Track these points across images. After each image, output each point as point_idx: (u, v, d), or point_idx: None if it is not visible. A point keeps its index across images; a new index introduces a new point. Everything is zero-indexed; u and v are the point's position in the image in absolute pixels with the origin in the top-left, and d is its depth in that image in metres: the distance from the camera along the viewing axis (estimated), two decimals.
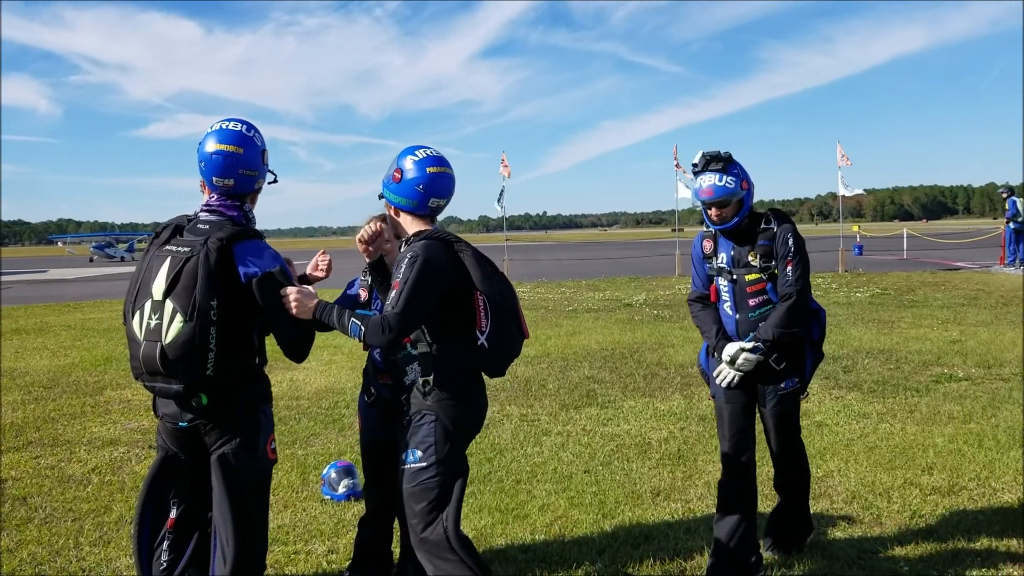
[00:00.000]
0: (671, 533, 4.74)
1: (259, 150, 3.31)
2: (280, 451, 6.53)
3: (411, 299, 3.06)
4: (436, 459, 3.17)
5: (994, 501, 5.08)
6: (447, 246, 3.23)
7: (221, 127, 3.27)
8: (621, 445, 6.55)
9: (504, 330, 3.21)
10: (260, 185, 3.38)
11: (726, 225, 4.11)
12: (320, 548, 4.67)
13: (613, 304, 17.09)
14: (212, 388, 3.11)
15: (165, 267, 3.10)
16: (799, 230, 4.16)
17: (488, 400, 3.46)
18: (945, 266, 25.57)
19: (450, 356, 3.22)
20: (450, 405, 3.20)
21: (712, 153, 4.04)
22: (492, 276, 3.24)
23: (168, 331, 3.02)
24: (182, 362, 3.01)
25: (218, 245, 3.08)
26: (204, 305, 3.01)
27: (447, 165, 3.38)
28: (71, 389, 9.42)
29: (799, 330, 4.08)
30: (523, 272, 28.18)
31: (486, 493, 5.45)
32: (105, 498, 5.53)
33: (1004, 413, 7.13)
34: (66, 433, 7.38)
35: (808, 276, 4.10)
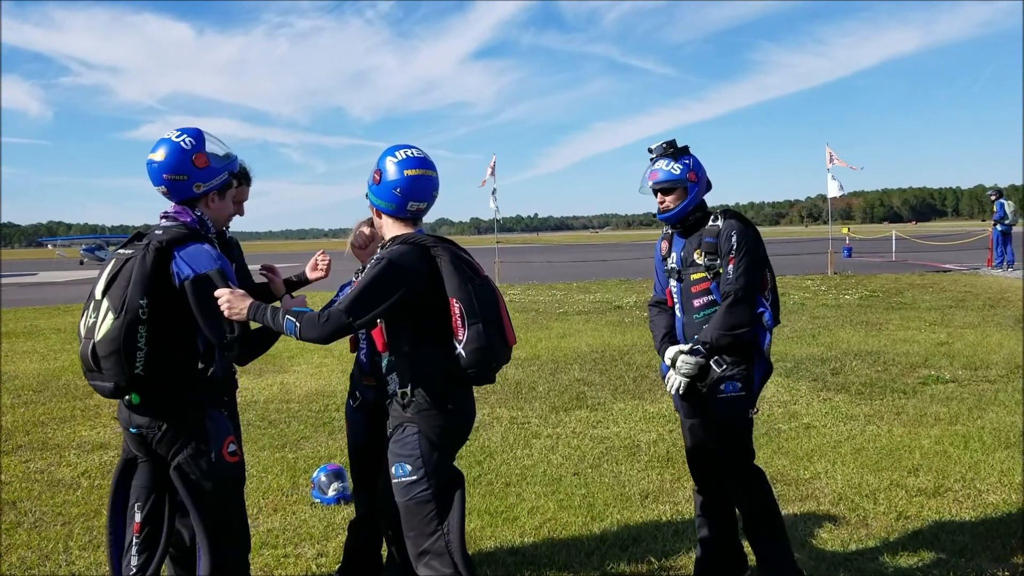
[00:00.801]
0: (659, 535, 4.77)
1: (188, 153, 3.24)
2: (270, 454, 6.57)
3: (360, 297, 2.99)
4: (426, 471, 3.13)
5: (979, 502, 5.13)
6: (422, 251, 3.14)
7: (159, 138, 3.30)
8: (610, 447, 6.58)
9: (484, 338, 3.08)
10: (201, 189, 3.30)
11: (667, 214, 4.02)
12: (310, 551, 4.68)
13: (603, 306, 17.14)
14: (143, 387, 3.10)
15: (109, 267, 3.18)
16: (756, 229, 3.99)
17: (476, 406, 3.42)
18: (933, 268, 25.70)
19: (427, 365, 3.15)
20: (431, 415, 3.14)
21: (669, 142, 4.02)
22: (469, 282, 3.12)
23: (100, 328, 3.06)
24: (109, 359, 3.03)
25: (156, 247, 3.10)
26: (133, 303, 3.02)
27: (429, 167, 3.28)
28: (61, 393, 9.40)
29: (743, 332, 3.83)
30: (514, 274, 28.22)
31: (475, 496, 5.47)
32: (95, 502, 5.53)
33: (990, 415, 7.18)
34: (56, 437, 7.38)
35: (755, 275, 3.85)
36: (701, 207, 4.04)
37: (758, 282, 3.88)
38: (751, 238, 3.89)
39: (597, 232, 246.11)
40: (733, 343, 3.85)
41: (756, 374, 3.92)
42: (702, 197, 4.04)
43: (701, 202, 4.04)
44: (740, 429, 3.93)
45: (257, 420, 7.75)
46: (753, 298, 3.86)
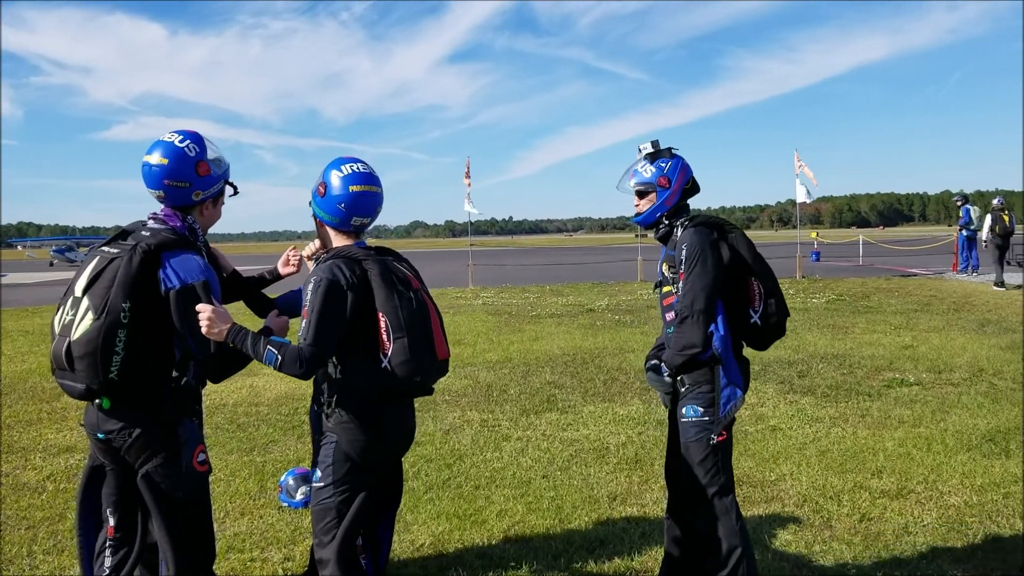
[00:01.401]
0: (626, 537, 4.80)
1: (192, 161, 3.23)
2: (238, 458, 6.53)
3: (319, 328, 3.00)
4: (332, 480, 3.17)
5: (940, 503, 5.22)
6: (353, 264, 3.13)
7: (158, 139, 3.28)
8: (580, 450, 6.61)
9: (409, 352, 3.05)
10: (200, 197, 3.30)
11: (637, 218, 3.97)
12: (277, 555, 4.66)
13: (576, 309, 17.20)
14: (116, 392, 3.07)
15: (91, 265, 3.13)
16: (713, 241, 3.72)
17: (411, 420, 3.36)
18: (900, 272, 26.04)
19: (352, 379, 3.15)
20: (349, 429, 3.15)
21: (654, 142, 3.91)
22: (396, 296, 3.09)
23: (78, 327, 3.02)
24: (84, 360, 2.99)
25: (145, 250, 3.07)
26: (115, 305, 2.99)
27: (374, 183, 3.29)
28: (27, 395, 9.29)
29: (695, 352, 3.62)
30: (488, 277, 28.25)
31: (444, 499, 5.48)
32: (60, 506, 5.48)
33: (952, 417, 7.30)
34: (21, 440, 7.29)
35: (704, 290, 3.61)
36: (676, 214, 3.89)
37: (708, 299, 3.62)
38: (702, 252, 3.65)
39: (571, 235, 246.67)
40: (690, 363, 3.69)
41: (722, 397, 3.69)
42: (674, 203, 3.88)
43: (676, 209, 3.89)
44: (701, 455, 3.70)
45: (225, 423, 7.70)
46: (702, 317, 3.62)
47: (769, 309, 3.77)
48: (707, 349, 3.64)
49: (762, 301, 3.77)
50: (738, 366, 3.74)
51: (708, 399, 3.69)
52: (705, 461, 3.71)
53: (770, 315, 3.78)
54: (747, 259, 3.76)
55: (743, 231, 3.88)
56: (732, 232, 3.83)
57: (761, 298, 3.77)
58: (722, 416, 3.69)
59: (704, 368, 3.70)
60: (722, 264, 3.69)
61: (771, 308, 3.77)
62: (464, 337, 13.17)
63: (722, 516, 3.71)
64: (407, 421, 3.35)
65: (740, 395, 3.72)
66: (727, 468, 3.75)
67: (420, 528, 5.01)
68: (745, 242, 3.80)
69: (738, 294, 3.77)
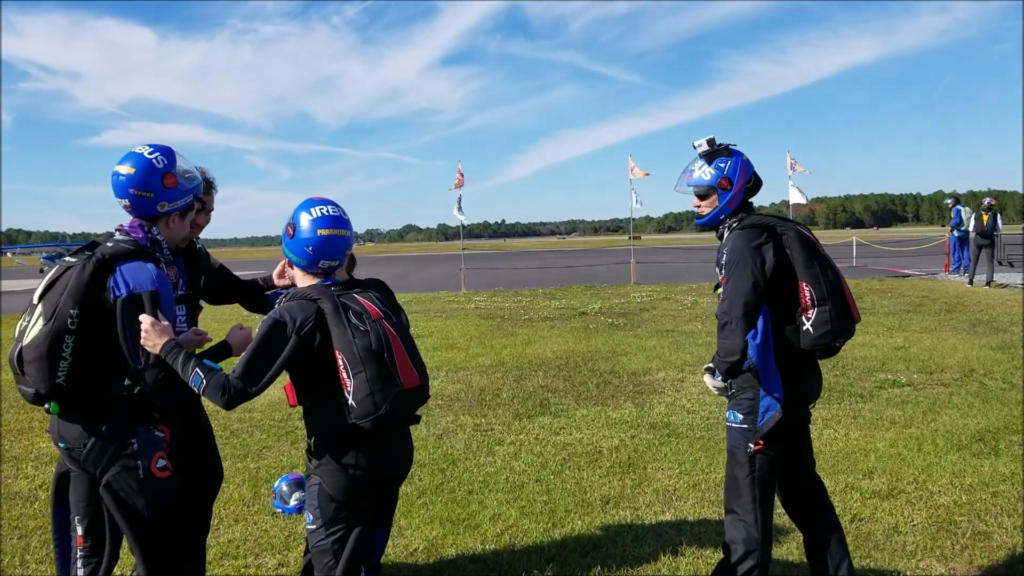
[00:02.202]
0: (619, 541, 4.82)
1: (158, 172, 3.25)
2: (232, 464, 6.53)
3: (251, 363, 2.98)
4: (323, 522, 3.16)
5: (930, 503, 5.25)
6: (307, 306, 3.08)
7: (130, 150, 3.31)
8: (573, 454, 6.63)
9: (367, 387, 2.98)
10: (165, 208, 3.32)
11: (699, 220, 3.87)
12: (271, 562, 4.67)
13: (569, 313, 17.22)
14: (64, 397, 3.10)
15: (51, 273, 3.19)
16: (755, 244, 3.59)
17: (402, 448, 3.31)
18: (893, 273, 26.12)
19: (326, 419, 3.14)
20: (328, 470, 3.14)
21: (709, 139, 3.80)
22: (351, 331, 3.02)
23: (29, 332, 3.07)
24: (33, 364, 3.03)
25: (98, 259, 3.11)
26: (64, 312, 3.03)
27: (343, 226, 3.25)
28: (18, 404, 9.25)
29: (735, 359, 3.56)
30: (480, 281, 28.25)
31: (438, 504, 5.50)
32: None
33: (943, 418, 7.34)
34: (13, 449, 7.28)
35: (743, 296, 3.52)
36: (737, 214, 3.79)
37: (747, 305, 3.52)
38: (742, 257, 3.56)
39: (564, 238, 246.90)
40: (734, 369, 3.61)
41: (760, 406, 3.58)
42: (738, 204, 3.78)
43: (738, 209, 3.79)
44: (738, 463, 3.65)
45: (219, 430, 7.68)
46: (741, 323, 3.53)
47: (822, 316, 3.57)
48: (746, 357, 3.55)
49: (814, 308, 3.57)
50: (780, 376, 3.58)
51: (749, 406, 3.61)
52: (743, 467, 3.64)
53: (824, 322, 3.57)
54: (799, 262, 3.60)
55: (801, 231, 3.70)
56: (786, 233, 3.65)
57: (814, 304, 3.57)
58: (760, 426, 3.58)
59: (747, 375, 3.61)
60: (764, 269, 3.56)
61: (825, 315, 3.57)
62: (457, 341, 13.18)
63: (747, 526, 3.63)
64: (395, 451, 3.29)
65: (778, 408, 3.55)
66: (765, 480, 3.65)
67: (413, 533, 5.02)
68: (799, 243, 3.62)
69: (789, 300, 3.61)
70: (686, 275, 28.70)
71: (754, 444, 3.60)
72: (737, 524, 3.66)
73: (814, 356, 3.75)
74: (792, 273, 3.60)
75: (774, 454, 3.66)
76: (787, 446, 3.75)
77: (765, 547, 3.67)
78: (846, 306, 3.64)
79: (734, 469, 3.68)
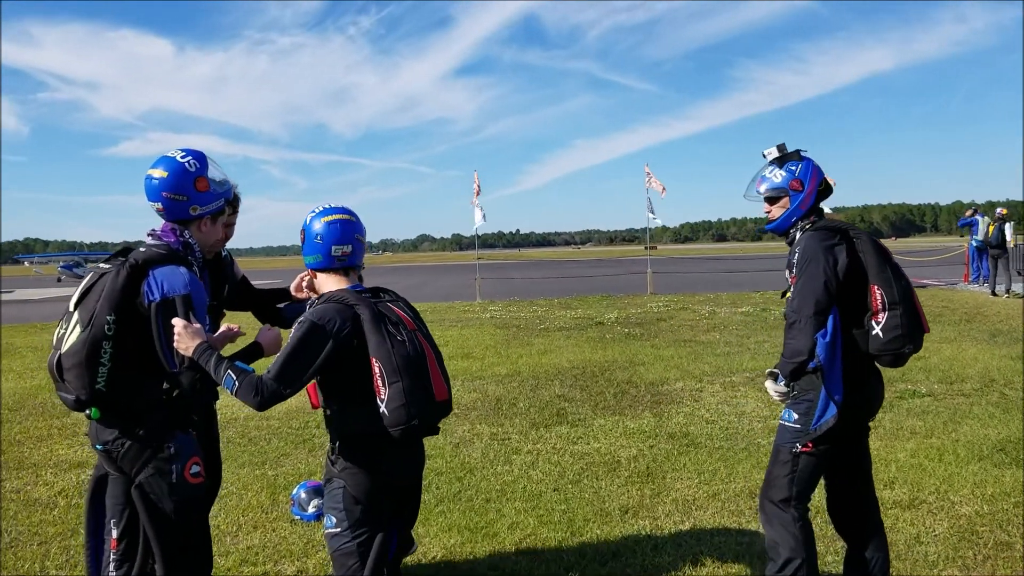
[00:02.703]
0: (639, 550, 4.80)
1: (191, 175, 3.30)
2: (250, 471, 6.55)
3: (287, 364, 3.00)
4: (348, 524, 3.17)
5: (952, 514, 5.20)
6: (344, 310, 3.10)
7: (163, 154, 3.35)
8: (591, 463, 6.61)
9: (403, 397, 3.00)
10: (197, 212, 3.35)
11: (769, 225, 3.86)
12: (290, 569, 4.67)
13: (585, 322, 17.19)
14: (104, 403, 3.14)
15: (85, 280, 3.23)
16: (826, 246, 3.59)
17: (420, 455, 3.35)
18: (912, 283, 25.89)
19: (353, 424, 3.15)
20: (354, 473, 3.15)
21: (779, 145, 3.82)
22: (389, 340, 3.05)
23: (67, 339, 3.10)
24: (72, 371, 3.07)
25: (132, 264, 3.14)
26: (100, 318, 3.06)
27: (346, 213, 3.31)
28: (37, 412, 9.33)
29: (802, 360, 3.52)
30: (495, 291, 28.26)
31: (455, 512, 5.49)
32: (72, 521, 5.50)
33: (964, 428, 7.28)
34: (32, 456, 7.32)
35: (813, 295, 3.49)
36: (808, 217, 3.79)
37: (817, 304, 3.49)
38: (814, 256, 3.55)
39: (579, 248, 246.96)
40: (799, 371, 3.57)
41: (818, 409, 3.54)
42: (809, 207, 3.78)
43: (809, 212, 3.79)
44: (780, 461, 3.66)
45: (237, 437, 7.72)
46: (809, 323, 3.49)
47: (893, 321, 3.54)
48: (813, 357, 3.51)
49: (885, 311, 3.55)
50: (848, 381, 3.54)
51: (805, 407, 3.58)
52: (783, 466, 3.64)
53: (894, 326, 3.54)
54: (872, 265, 3.58)
55: (873, 237, 3.72)
56: (859, 237, 3.66)
57: (884, 308, 3.55)
58: (813, 428, 3.54)
59: (812, 376, 3.57)
60: (836, 269, 3.54)
61: (896, 319, 3.54)
62: (472, 350, 13.18)
63: (785, 525, 3.63)
64: (416, 458, 3.33)
65: (835, 411, 3.49)
66: (805, 481, 3.64)
67: (431, 541, 5.01)
68: (873, 248, 3.61)
69: (859, 303, 3.59)
70: (703, 285, 28.62)
71: (802, 445, 3.58)
72: (774, 522, 3.67)
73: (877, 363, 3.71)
74: (863, 276, 3.57)
75: (820, 458, 3.63)
76: (846, 456, 3.73)
77: (809, 548, 3.63)
78: (916, 313, 3.61)
79: (775, 467, 3.69)
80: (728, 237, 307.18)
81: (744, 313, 17.79)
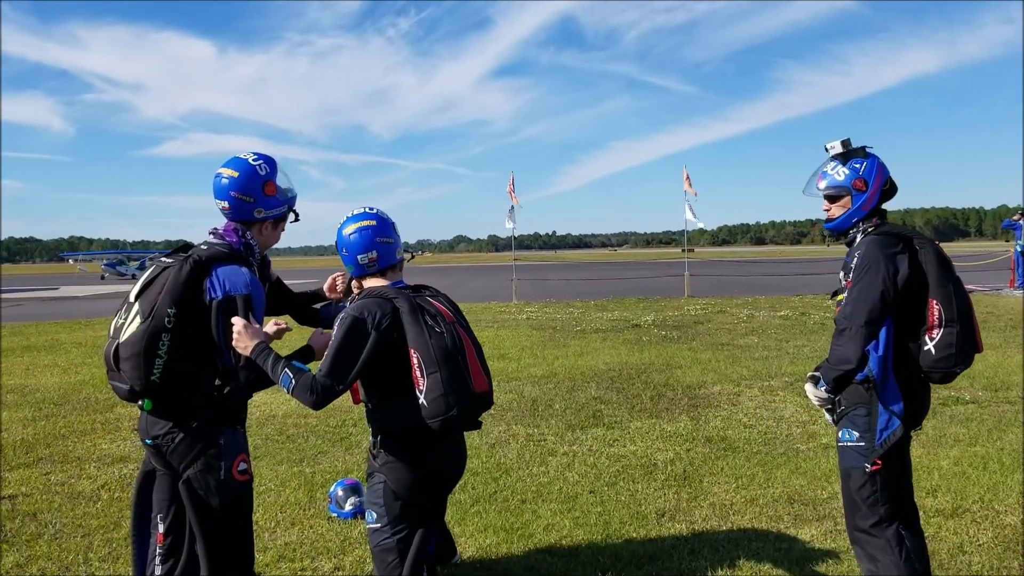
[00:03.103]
0: (675, 554, 4.76)
1: (260, 179, 3.37)
2: (288, 468, 6.61)
3: (335, 361, 3.04)
4: (388, 520, 3.19)
5: (996, 523, 5.10)
6: (383, 304, 3.15)
7: (233, 156, 3.42)
8: (627, 466, 6.57)
9: (442, 387, 3.02)
10: (262, 215, 3.42)
11: (829, 224, 3.70)
12: (326, 565, 4.71)
13: (621, 324, 17.12)
14: (158, 395, 3.18)
15: (147, 273, 3.28)
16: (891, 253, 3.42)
17: (462, 452, 3.38)
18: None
19: (393, 418, 3.18)
20: (395, 467, 3.18)
21: (844, 141, 3.65)
22: (427, 331, 3.08)
23: (126, 330, 3.15)
24: (130, 361, 3.11)
25: (196, 260, 3.20)
26: (161, 310, 3.11)
27: (366, 218, 3.35)
28: (81, 406, 9.50)
29: (850, 368, 3.38)
30: (532, 292, 28.26)
31: (491, 512, 5.49)
32: (115, 514, 5.59)
33: (1009, 436, 7.13)
34: (76, 450, 7.45)
35: (868, 303, 3.34)
36: (871, 218, 3.64)
37: (871, 313, 3.35)
38: (875, 262, 3.39)
39: (616, 250, 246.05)
40: (845, 380, 3.45)
41: (879, 423, 3.43)
42: (872, 207, 3.63)
43: (871, 213, 3.64)
44: (859, 482, 3.49)
45: (275, 435, 7.80)
46: (862, 332, 3.35)
47: (948, 339, 3.40)
48: (861, 368, 3.39)
49: (941, 328, 3.40)
50: (901, 392, 3.43)
51: (864, 423, 3.46)
52: (862, 489, 3.49)
53: (948, 344, 3.40)
54: (934, 278, 3.43)
55: (937, 247, 3.54)
56: (923, 247, 3.50)
57: (941, 324, 3.40)
58: (877, 445, 3.43)
59: (860, 388, 3.46)
60: (896, 279, 3.38)
61: (951, 337, 3.40)
62: (508, 351, 13.18)
63: (884, 551, 3.46)
64: (458, 455, 3.36)
65: (898, 424, 3.41)
66: (888, 498, 3.50)
67: (467, 540, 5.02)
68: (936, 260, 3.46)
69: (915, 316, 3.45)
70: (741, 288, 28.38)
71: (871, 464, 3.44)
72: (872, 553, 3.49)
73: (915, 373, 3.54)
74: (923, 289, 3.43)
75: (893, 469, 3.51)
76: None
77: (922, 563, 3.49)
78: (972, 332, 3.45)
79: (853, 492, 3.52)
80: (766, 240, 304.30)
81: (783, 317, 17.61)
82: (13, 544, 5.09)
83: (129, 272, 57.82)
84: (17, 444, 7.67)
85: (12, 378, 11.66)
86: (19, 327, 19.58)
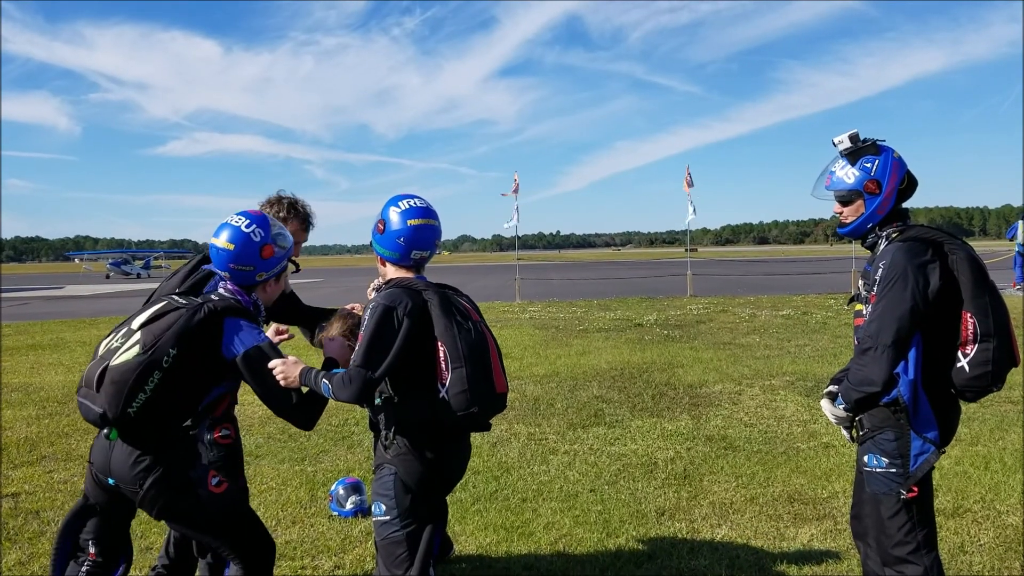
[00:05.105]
0: (675, 553, 4.77)
1: (256, 246, 3.37)
2: (289, 467, 6.63)
3: (369, 349, 3.04)
4: (398, 512, 3.19)
5: (998, 523, 5.10)
6: (413, 295, 3.16)
7: (226, 221, 3.42)
8: (627, 464, 6.58)
9: (467, 382, 3.04)
10: (263, 277, 3.46)
11: (843, 229, 3.40)
12: (327, 564, 4.72)
13: (624, 324, 17.13)
14: (126, 428, 3.16)
15: (157, 306, 3.28)
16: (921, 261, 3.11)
17: (468, 452, 3.41)
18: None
19: (409, 409, 3.17)
20: (408, 460, 3.17)
21: (852, 134, 3.32)
22: (456, 326, 3.10)
23: (121, 355, 3.14)
24: (114, 386, 3.09)
25: (211, 308, 3.22)
26: (163, 348, 3.11)
27: (431, 216, 3.35)
28: None
29: (873, 390, 3.11)
30: (535, 291, 28.26)
31: (492, 511, 5.50)
32: None
33: (1011, 436, 7.13)
34: (79, 448, 7.47)
35: (897, 321, 3.05)
36: (889, 221, 3.33)
37: (899, 332, 3.06)
38: (903, 275, 3.08)
39: (619, 250, 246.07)
40: (868, 402, 3.18)
41: (912, 449, 3.15)
42: (888, 210, 3.31)
43: (889, 215, 3.32)
44: (892, 510, 3.20)
45: (277, 433, 7.82)
46: (888, 352, 3.06)
47: (983, 355, 3.10)
48: (889, 391, 3.12)
49: (975, 344, 3.11)
50: (935, 416, 3.16)
51: (893, 449, 3.18)
52: (897, 516, 3.20)
53: (984, 362, 3.10)
54: (968, 288, 3.11)
55: (970, 251, 3.18)
56: (955, 253, 3.15)
57: (975, 340, 3.10)
58: (912, 471, 3.15)
59: (886, 411, 3.18)
60: (927, 292, 3.08)
61: (986, 354, 3.10)
62: (511, 351, 13.19)
63: None
64: (464, 453, 3.39)
65: (933, 451, 3.14)
66: (926, 522, 3.24)
67: (467, 539, 5.03)
68: (969, 267, 3.12)
69: (948, 330, 3.14)
70: (744, 288, 28.38)
71: (907, 491, 3.16)
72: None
73: (947, 392, 3.27)
74: (956, 300, 3.12)
75: (929, 496, 3.30)
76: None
77: None
78: (1010, 346, 3.15)
79: (886, 518, 3.23)
80: (769, 240, 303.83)
81: (785, 316, 17.60)
82: (16, 542, 5.12)
83: (134, 271, 57.99)
84: (20, 442, 7.69)
85: (16, 376, 11.70)
86: (24, 326, 19.63)
